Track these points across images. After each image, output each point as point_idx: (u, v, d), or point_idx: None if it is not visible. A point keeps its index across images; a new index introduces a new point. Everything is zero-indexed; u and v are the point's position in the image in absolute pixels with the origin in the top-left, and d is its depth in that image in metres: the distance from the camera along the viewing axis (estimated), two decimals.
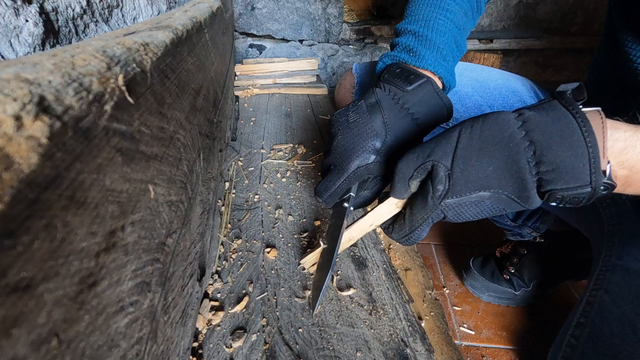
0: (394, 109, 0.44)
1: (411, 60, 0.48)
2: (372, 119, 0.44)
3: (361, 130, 0.44)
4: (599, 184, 0.30)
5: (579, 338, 0.45)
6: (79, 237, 0.16)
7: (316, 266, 0.49)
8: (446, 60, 0.49)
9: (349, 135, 0.44)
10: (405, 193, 0.38)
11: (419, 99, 0.45)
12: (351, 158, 0.43)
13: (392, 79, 0.47)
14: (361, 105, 0.46)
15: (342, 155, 0.44)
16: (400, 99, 0.45)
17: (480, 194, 0.33)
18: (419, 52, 0.48)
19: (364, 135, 0.43)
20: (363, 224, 0.45)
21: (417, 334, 0.45)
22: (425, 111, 0.45)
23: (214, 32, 0.67)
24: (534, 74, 1.96)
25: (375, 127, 0.44)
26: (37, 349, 0.13)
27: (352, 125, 0.44)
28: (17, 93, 0.13)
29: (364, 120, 0.44)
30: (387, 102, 0.45)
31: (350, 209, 0.46)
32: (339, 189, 0.45)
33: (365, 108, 0.45)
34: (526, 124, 0.32)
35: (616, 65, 0.53)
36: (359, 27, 1.77)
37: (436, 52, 0.48)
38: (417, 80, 0.45)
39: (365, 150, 0.43)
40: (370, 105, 0.45)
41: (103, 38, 0.25)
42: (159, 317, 0.27)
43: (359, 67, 0.72)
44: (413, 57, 0.49)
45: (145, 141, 0.24)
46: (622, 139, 0.32)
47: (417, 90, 0.45)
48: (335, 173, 0.45)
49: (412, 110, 0.44)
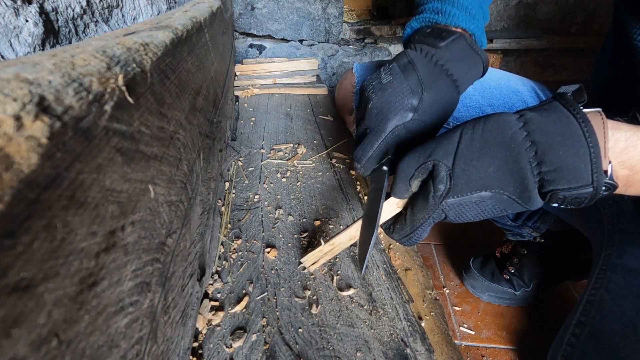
0: (428, 66, 0.43)
1: (441, 19, 0.48)
2: (407, 78, 0.43)
3: (396, 89, 0.42)
4: (601, 184, 0.30)
5: (579, 337, 0.45)
6: (79, 237, 0.16)
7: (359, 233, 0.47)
8: (476, 19, 0.48)
9: (384, 95, 0.43)
10: (406, 193, 0.38)
11: (454, 54, 0.44)
12: (388, 117, 0.42)
13: (423, 38, 0.46)
14: (393, 66, 0.44)
15: (378, 116, 0.43)
16: (433, 56, 0.44)
17: (481, 194, 0.33)
18: (449, 11, 0.48)
19: (399, 94, 0.42)
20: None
21: (417, 334, 0.45)
22: (460, 66, 0.44)
23: (214, 32, 0.67)
24: (534, 74, 1.96)
25: (411, 85, 0.42)
26: (37, 349, 0.13)
27: (387, 86, 0.43)
28: (17, 93, 0.13)
29: (398, 80, 0.43)
30: (420, 60, 0.44)
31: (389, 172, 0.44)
32: (377, 152, 0.43)
33: (398, 68, 0.44)
34: (528, 125, 0.32)
35: (621, 63, 0.53)
36: (359, 27, 1.77)
37: (465, 11, 0.48)
38: (449, 36, 0.44)
39: (402, 109, 0.42)
40: (403, 65, 0.44)
41: (103, 38, 0.25)
42: (159, 317, 0.27)
43: (359, 67, 0.72)
44: (443, 16, 0.48)
45: (145, 141, 0.24)
46: (623, 139, 0.32)
47: (450, 45, 0.44)
48: (373, 135, 0.43)
49: (446, 66, 0.43)
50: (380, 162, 0.45)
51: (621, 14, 0.52)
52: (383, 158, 0.44)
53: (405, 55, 0.45)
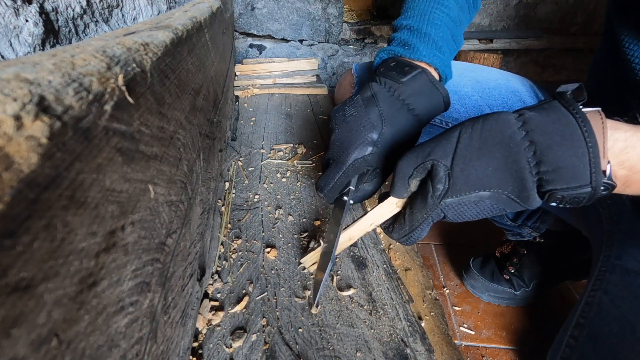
0: (390, 100, 0.45)
1: (406, 53, 0.49)
2: (369, 112, 0.44)
3: (358, 123, 0.44)
4: (599, 184, 0.30)
5: (577, 338, 0.45)
6: (79, 237, 0.16)
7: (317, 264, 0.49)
8: (442, 52, 0.49)
9: (346, 128, 0.45)
10: (405, 192, 0.38)
11: (414, 89, 0.45)
12: (349, 151, 0.44)
13: (387, 72, 0.47)
14: (357, 99, 0.46)
15: (339, 148, 0.45)
16: (395, 91, 0.45)
17: (480, 193, 0.33)
18: (414, 45, 0.49)
19: (360, 127, 0.44)
20: (363, 223, 0.45)
21: (417, 334, 0.45)
22: (421, 101, 0.45)
23: (214, 32, 0.67)
24: (534, 74, 1.96)
25: (372, 120, 0.44)
26: (37, 349, 0.13)
27: (349, 119, 0.45)
28: (17, 93, 0.13)
29: (360, 113, 0.45)
30: (382, 94, 0.45)
31: (350, 203, 0.47)
32: (339, 183, 0.45)
33: (362, 102, 0.46)
34: (526, 124, 0.32)
35: (615, 65, 0.53)
36: (359, 27, 1.77)
37: (432, 45, 0.49)
38: (411, 71, 0.46)
39: (362, 143, 0.44)
40: (367, 99, 0.46)
41: (103, 38, 0.25)
42: (159, 317, 0.27)
43: (358, 67, 0.72)
44: (408, 50, 0.49)
45: (145, 141, 0.24)
46: (622, 139, 0.32)
47: (411, 81, 0.45)
48: (334, 167, 0.45)
49: (407, 101, 0.45)
50: (342, 191, 0.47)
51: (612, 22, 0.52)
52: (345, 188, 0.47)
53: (370, 88, 0.47)
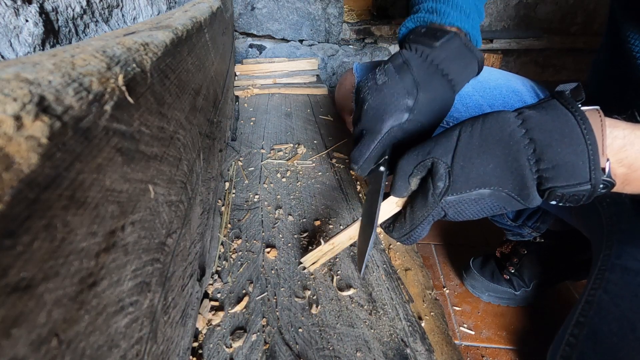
0: (423, 66, 0.43)
1: (436, 18, 0.47)
2: (402, 78, 0.43)
3: (391, 90, 0.42)
4: (599, 182, 0.30)
5: (578, 337, 0.45)
6: (79, 237, 0.16)
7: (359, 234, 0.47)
8: (470, 18, 0.48)
9: (379, 96, 0.43)
10: (405, 191, 0.38)
11: (449, 53, 0.44)
12: (384, 118, 0.42)
13: (418, 38, 0.46)
14: (388, 67, 0.44)
15: (374, 117, 0.43)
16: (428, 56, 0.44)
17: (480, 191, 0.33)
18: (443, 10, 0.47)
19: (395, 94, 0.42)
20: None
21: (417, 334, 0.45)
22: (455, 65, 0.44)
23: (214, 32, 0.67)
24: (534, 74, 1.96)
25: (406, 86, 0.42)
26: (37, 349, 0.13)
27: (382, 87, 0.43)
28: (17, 93, 0.13)
29: (393, 80, 0.43)
30: (415, 60, 0.44)
31: (387, 173, 0.44)
32: (374, 153, 0.43)
33: (393, 69, 0.44)
34: (526, 123, 0.32)
35: (618, 64, 0.53)
36: (359, 27, 1.77)
37: (459, 10, 0.48)
38: (444, 35, 0.44)
39: (398, 109, 0.42)
40: (398, 66, 0.44)
41: (103, 38, 0.25)
42: (159, 317, 0.27)
43: (359, 67, 0.72)
44: (438, 15, 0.48)
45: (145, 141, 0.24)
46: (620, 136, 0.32)
47: (445, 45, 0.44)
48: (369, 136, 0.43)
49: (442, 65, 0.43)
50: (377, 162, 0.45)
51: (616, 18, 0.52)
52: (380, 159, 0.45)
53: (400, 55, 0.45)
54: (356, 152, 0.44)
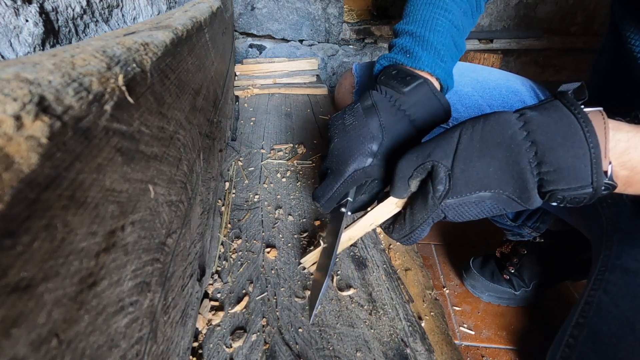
0: (391, 111, 0.44)
1: (408, 61, 0.48)
2: (369, 122, 0.44)
3: (357, 133, 0.43)
4: (600, 185, 0.30)
5: (577, 338, 0.45)
6: (79, 237, 0.16)
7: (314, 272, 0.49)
8: (444, 61, 0.49)
9: (346, 138, 0.44)
10: (405, 193, 0.38)
11: (416, 100, 0.45)
12: (348, 161, 0.43)
13: (388, 81, 0.46)
14: (357, 108, 0.45)
15: (338, 158, 0.44)
16: (396, 101, 0.45)
17: (480, 194, 0.33)
18: (416, 53, 0.48)
19: (360, 138, 0.43)
20: (363, 223, 0.45)
21: (417, 334, 0.45)
22: (422, 112, 0.45)
23: (214, 32, 0.67)
24: (534, 74, 1.96)
25: (372, 130, 0.43)
26: (37, 349, 0.13)
27: (349, 129, 0.44)
28: (17, 93, 0.13)
29: (360, 123, 0.44)
30: (383, 104, 0.45)
31: (347, 214, 0.46)
32: (337, 194, 0.45)
33: (362, 111, 0.45)
34: (528, 125, 0.32)
35: (619, 64, 0.53)
36: (359, 27, 1.77)
37: (434, 53, 0.48)
38: (413, 81, 0.45)
39: (362, 154, 0.43)
40: (367, 108, 0.45)
41: (103, 38, 0.25)
42: (159, 317, 0.27)
43: (358, 67, 0.72)
44: (410, 58, 0.48)
45: (145, 141, 0.24)
46: (624, 139, 0.32)
47: (413, 91, 0.45)
48: (332, 177, 0.44)
49: (409, 112, 0.44)
50: (339, 202, 0.46)
51: (617, 19, 0.52)
52: (343, 199, 0.46)
53: (370, 97, 0.46)
54: (319, 190, 0.46)
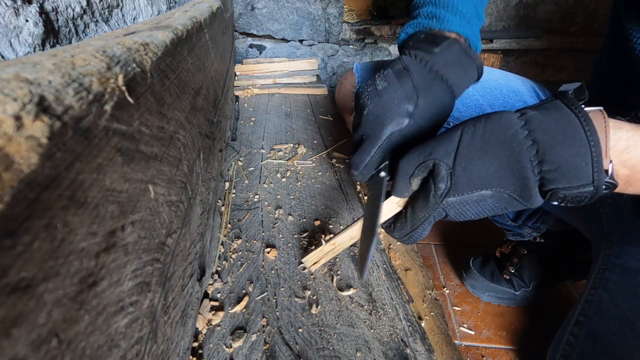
0: (423, 71, 0.43)
1: (435, 24, 0.48)
2: (402, 84, 0.43)
3: (391, 95, 0.42)
4: (601, 184, 0.30)
5: (577, 336, 0.45)
6: (79, 237, 0.16)
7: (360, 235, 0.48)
8: (470, 23, 0.48)
9: (379, 102, 0.43)
10: (406, 191, 0.38)
11: (448, 59, 0.44)
12: (384, 124, 0.42)
13: (417, 44, 0.46)
14: (388, 73, 0.44)
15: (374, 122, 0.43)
16: (428, 62, 0.44)
17: (482, 192, 0.33)
18: (443, 16, 0.48)
19: (395, 100, 0.42)
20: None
21: (417, 334, 0.45)
22: (455, 71, 0.44)
23: (214, 32, 0.67)
24: (534, 74, 1.96)
25: (406, 91, 0.42)
26: (37, 349, 0.13)
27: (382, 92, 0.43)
28: (17, 93, 0.13)
29: (393, 86, 0.43)
30: (415, 66, 0.44)
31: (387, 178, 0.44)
32: (374, 158, 0.43)
33: (393, 74, 0.44)
34: (529, 124, 0.32)
35: (620, 64, 0.52)
36: (359, 27, 1.77)
37: (459, 16, 0.48)
38: (443, 41, 0.44)
39: (397, 114, 0.42)
40: (398, 72, 0.44)
41: (103, 38, 0.25)
42: (159, 317, 0.27)
43: (359, 67, 0.72)
44: (437, 21, 0.48)
45: (145, 141, 0.24)
46: (624, 138, 0.32)
47: (444, 51, 0.44)
48: (369, 142, 0.43)
49: (442, 71, 0.44)
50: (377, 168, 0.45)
51: (618, 15, 0.52)
52: (380, 164, 0.45)
53: (400, 61, 0.45)
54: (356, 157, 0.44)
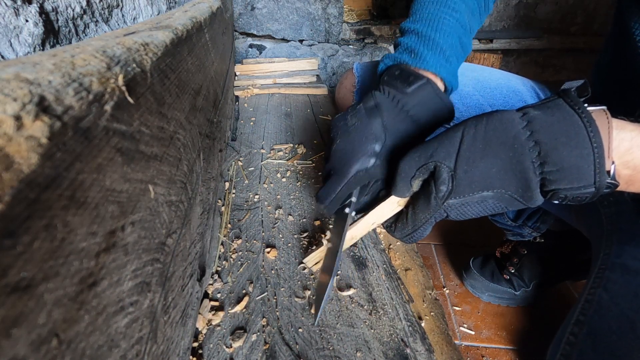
0: (393, 111, 0.44)
1: (412, 61, 0.48)
2: (371, 122, 0.44)
3: (360, 134, 0.43)
4: (603, 184, 0.30)
5: (577, 335, 0.45)
6: (79, 237, 0.16)
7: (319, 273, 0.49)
8: (449, 62, 0.48)
9: (348, 139, 0.44)
10: (407, 192, 0.38)
11: (419, 100, 0.44)
12: (351, 162, 0.43)
13: (391, 81, 0.46)
14: (360, 109, 0.45)
15: (341, 159, 0.44)
16: (399, 102, 0.44)
17: (483, 194, 0.33)
18: (421, 52, 0.47)
19: (363, 139, 0.43)
20: (365, 222, 0.45)
21: (417, 334, 0.45)
22: (425, 113, 0.44)
23: (214, 32, 0.67)
24: (534, 74, 1.96)
25: (374, 131, 0.43)
26: (37, 349, 0.13)
27: (351, 130, 0.44)
28: (17, 93, 0.13)
29: (363, 124, 0.44)
30: (386, 104, 0.44)
31: (351, 215, 0.46)
32: (340, 194, 0.45)
33: (364, 111, 0.45)
34: (531, 124, 0.32)
35: (621, 63, 0.52)
36: (359, 27, 1.77)
37: (439, 53, 0.48)
38: (416, 81, 0.45)
39: (364, 154, 0.43)
40: (369, 109, 0.45)
41: (103, 38, 0.25)
42: (159, 317, 0.27)
43: (359, 66, 0.72)
44: (414, 58, 0.48)
45: (145, 141, 0.24)
46: (627, 139, 0.32)
47: (416, 91, 0.44)
48: (336, 178, 0.44)
49: (412, 112, 0.44)
50: (343, 203, 0.46)
51: (622, 13, 0.51)
52: (346, 200, 0.46)
53: (373, 97, 0.46)
54: (323, 191, 0.46)
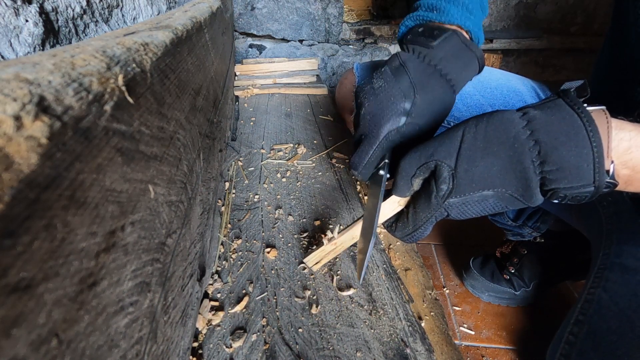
0: (420, 67, 0.42)
1: (435, 16, 0.46)
2: (398, 81, 0.42)
3: (388, 94, 0.42)
4: (602, 184, 0.30)
5: (577, 335, 0.45)
6: (79, 237, 0.16)
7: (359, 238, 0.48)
8: (473, 15, 0.47)
9: (376, 101, 0.42)
10: (407, 191, 0.38)
11: (446, 52, 0.43)
12: (381, 123, 0.41)
13: (415, 38, 0.45)
14: (385, 70, 0.44)
15: (371, 122, 0.42)
16: (426, 57, 0.43)
17: (483, 193, 0.34)
18: (444, 7, 0.46)
19: (391, 98, 0.41)
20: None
21: (417, 334, 0.45)
22: (454, 65, 0.43)
23: (214, 32, 0.67)
24: (533, 74, 1.96)
25: (402, 89, 0.41)
26: (37, 349, 0.13)
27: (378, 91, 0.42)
28: (17, 93, 0.13)
29: (389, 84, 0.42)
30: (412, 62, 0.43)
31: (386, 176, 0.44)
32: (373, 158, 0.43)
33: (390, 72, 0.43)
34: (531, 124, 0.32)
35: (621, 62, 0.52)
36: (359, 27, 1.77)
37: (461, 7, 0.46)
38: (442, 34, 0.43)
39: (394, 114, 0.41)
40: (395, 68, 0.43)
41: (103, 38, 0.25)
42: (159, 317, 0.27)
43: (360, 66, 0.72)
44: (437, 13, 0.46)
45: (145, 141, 0.24)
46: (627, 138, 0.32)
47: (442, 44, 0.43)
48: (367, 142, 0.43)
49: (440, 66, 0.42)
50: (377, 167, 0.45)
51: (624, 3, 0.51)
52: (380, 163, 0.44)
53: (397, 57, 0.44)
54: (355, 157, 0.44)
